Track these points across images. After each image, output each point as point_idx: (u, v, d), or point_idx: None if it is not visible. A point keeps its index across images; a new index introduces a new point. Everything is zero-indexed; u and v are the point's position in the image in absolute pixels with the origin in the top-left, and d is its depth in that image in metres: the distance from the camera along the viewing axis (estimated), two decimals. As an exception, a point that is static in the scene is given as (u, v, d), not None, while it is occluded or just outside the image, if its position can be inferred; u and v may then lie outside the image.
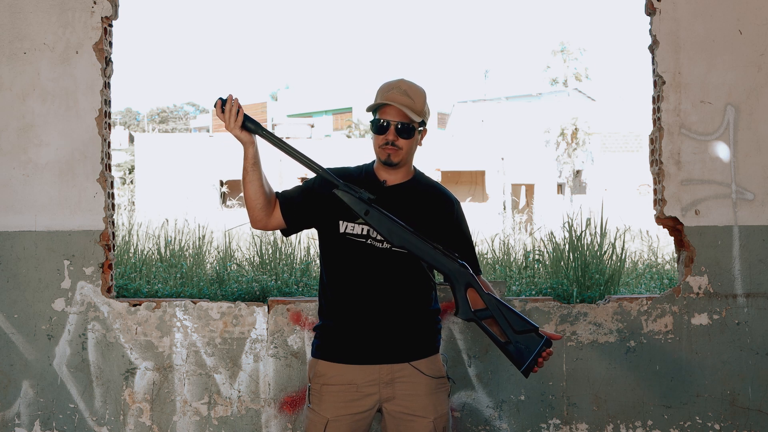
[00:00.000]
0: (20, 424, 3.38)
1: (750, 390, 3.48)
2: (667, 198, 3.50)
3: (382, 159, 2.36)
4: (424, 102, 2.37)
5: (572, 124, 26.37)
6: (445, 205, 2.45)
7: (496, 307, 2.25)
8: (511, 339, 2.24)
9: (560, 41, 31.97)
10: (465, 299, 2.26)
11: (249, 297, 3.84)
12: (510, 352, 2.25)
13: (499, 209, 16.52)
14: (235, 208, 15.94)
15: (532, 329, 2.24)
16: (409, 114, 2.31)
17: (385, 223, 2.26)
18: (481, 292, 2.26)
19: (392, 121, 2.32)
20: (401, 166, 2.39)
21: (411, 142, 2.36)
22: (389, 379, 2.35)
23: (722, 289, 3.48)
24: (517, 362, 2.25)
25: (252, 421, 3.41)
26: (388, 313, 2.35)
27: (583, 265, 4.09)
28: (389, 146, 2.33)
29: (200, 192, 20.92)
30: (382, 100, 2.34)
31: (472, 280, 2.26)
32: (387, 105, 2.34)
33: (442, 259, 2.25)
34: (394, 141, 2.33)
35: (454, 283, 2.26)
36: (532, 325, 2.24)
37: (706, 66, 3.49)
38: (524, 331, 2.23)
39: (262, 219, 2.40)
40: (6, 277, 3.38)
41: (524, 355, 2.23)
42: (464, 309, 2.26)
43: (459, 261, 2.26)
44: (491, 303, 2.25)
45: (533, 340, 2.23)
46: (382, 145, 2.34)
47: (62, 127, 3.38)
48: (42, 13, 3.38)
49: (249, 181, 2.35)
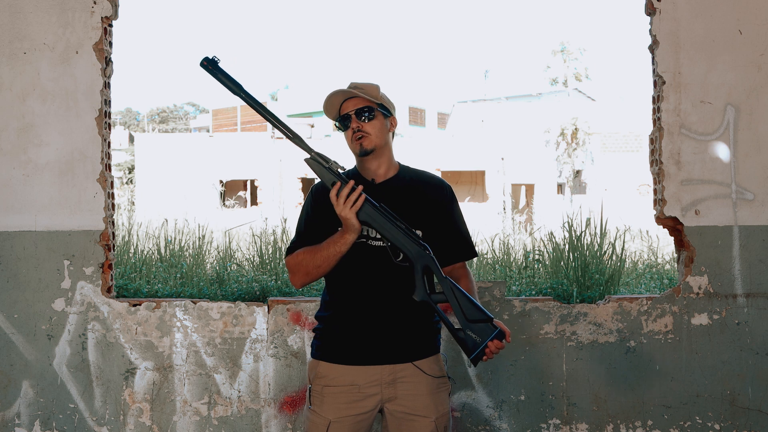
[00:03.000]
0: (20, 424, 3.38)
1: (750, 390, 3.48)
2: (667, 198, 3.49)
3: (357, 151, 2.41)
4: (377, 90, 2.43)
5: (572, 124, 26.37)
6: (435, 191, 2.47)
7: (451, 292, 2.27)
8: (463, 327, 2.25)
9: (560, 41, 32.03)
10: (422, 281, 2.27)
11: (249, 297, 3.84)
12: (461, 339, 2.26)
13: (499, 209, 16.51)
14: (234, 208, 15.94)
15: (487, 319, 2.24)
16: (364, 97, 2.39)
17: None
18: (439, 276, 2.28)
19: (350, 111, 2.40)
20: (379, 155, 2.42)
21: (377, 125, 2.40)
22: (391, 379, 2.35)
23: (722, 289, 3.48)
24: (466, 350, 2.26)
25: (252, 421, 3.41)
26: (389, 313, 2.35)
27: (583, 265, 4.09)
28: (357, 133, 2.39)
29: (200, 192, 20.91)
30: (329, 99, 2.42)
31: (431, 263, 2.27)
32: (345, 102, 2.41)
33: (402, 239, 2.26)
34: (359, 127, 2.38)
35: (414, 263, 2.27)
36: (486, 315, 2.25)
37: (706, 66, 3.49)
38: (477, 320, 2.24)
39: (312, 282, 2.46)
40: (6, 277, 3.38)
41: (475, 343, 2.24)
42: (420, 291, 2.27)
43: (421, 242, 2.27)
44: (447, 288, 2.27)
45: (486, 330, 2.24)
46: (352, 137, 2.41)
47: (62, 127, 3.38)
48: (42, 13, 3.38)
49: (336, 263, 2.33)
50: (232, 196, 19.17)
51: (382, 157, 2.43)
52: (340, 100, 2.42)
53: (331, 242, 2.29)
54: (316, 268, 2.32)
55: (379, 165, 2.43)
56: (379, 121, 2.40)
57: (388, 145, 2.44)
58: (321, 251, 2.30)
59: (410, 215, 2.36)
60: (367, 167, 2.43)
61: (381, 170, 2.43)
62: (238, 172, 23.24)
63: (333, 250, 2.28)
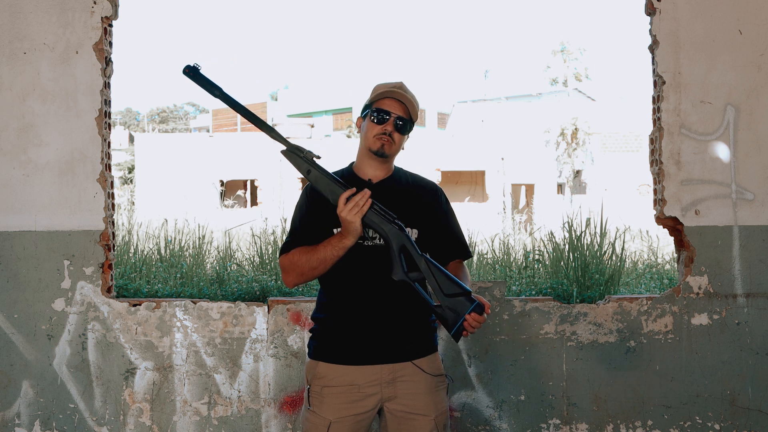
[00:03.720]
0: (20, 424, 3.38)
1: (750, 390, 3.48)
2: (667, 198, 3.49)
3: (374, 149, 2.40)
4: (418, 107, 2.46)
5: (572, 124, 26.36)
6: (429, 195, 2.50)
7: (428, 269, 2.26)
8: (442, 302, 2.25)
9: (560, 41, 32.02)
10: (399, 260, 2.27)
11: (249, 297, 3.84)
12: (440, 314, 2.25)
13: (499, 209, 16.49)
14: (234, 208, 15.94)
15: (464, 293, 2.24)
16: (410, 110, 2.40)
17: (323, 182, 2.28)
18: (415, 253, 2.28)
19: (393, 113, 2.39)
20: (388, 161, 2.45)
21: (403, 139, 2.44)
22: (390, 378, 2.35)
23: (722, 289, 3.48)
24: (447, 325, 2.25)
25: (252, 421, 3.41)
26: (387, 313, 2.36)
27: (583, 265, 4.09)
28: (385, 136, 2.37)
29: (200, 192, 20.92)
30: (388, 91, 2.39)
31: (407, 241, 2.27)
32: (388, 98, 2.39)
33: (378, 219, 2.27)
34: (391, 132, 2.38)
35: (390, 243, 2.27)
36: (463, 289, 2.24)
37: (706, 66, 3.49)
38: (455, 294, 2.23)
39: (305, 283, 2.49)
40: (6, 277, 3.38)
41: (454, 318, 2.23)
42: (397, 270, 2.26)
43: (396, 222, 2.28)
44: (424, 265, 2.26)
45: (463, 304, 2.23)
46: (378, 134, 2.38)
47: (62, 127, 3.38)
48: (42, 13, 3.38)
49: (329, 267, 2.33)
50: (232, 196, 19.15)
51: (388, 162, 2.46)
52: (390, 93, 2.38)
53: (328, 245, 2.28)
54: (311, 270, 2.32)
55: (380, 167, 2.45)
56: (406, 137, 2.45)
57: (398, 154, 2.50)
58: (317, 253, 2.29)
59: (406, 215, 2.37)
60: (369, 167, 2.44)
61: (380, 172, 2.45)
62: (238, 172, 23.24)
63: (330, 254, 2.28)
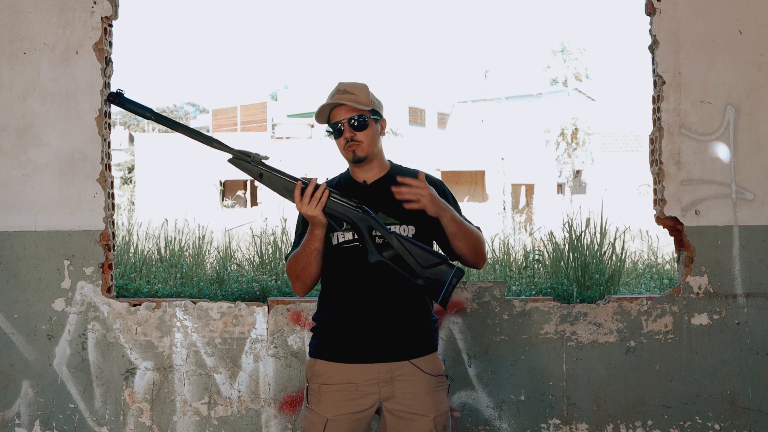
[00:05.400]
0: (20, 424, 3.38)
1: (750, 390, 3.48)
2: (667, 198, 3.50)
3: (350, 159, 2.42)
4: (368, 93, 2.44)
5: (572, 124, 26.36)
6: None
7: (400, 245, 2.26)
8: (421, 274, 2.25)
9: (560, 41, 32.03)
10: (371, 243, 2.27)
11: (249, 297, 3.85)
12: (422, 287, 2.25)
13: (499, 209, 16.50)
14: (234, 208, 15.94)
15: (442, 261, 2.24)
16: (356, 107, 2.38)
17: (278, 182, 2.31)
18: (384, 232, 2.28)
19: (342, 120, 2.39)
20: (371, 160, 2.44)
21: (369, 133, 2.41)
22: (389, 377, 2.35)
23: (722, 289, 3.48)
24: (432, 295, 2.26)
25: (252, 421, 3.41)
26: (386, 312, 2.36)
27: (583, 265, 4.09)
28: (350, 143, 2.39)
29: (200, 192, 20.91)
30: (326, 105, 2.42)
31: (374, 222, 2.27)
32: (335, 108, 2.41)
33: (341, 209, 2.27)
34: (352, 137, 2.39)
35: (359, 228, 2.27)
36: (441, 257, 2.25)
37: (706, 66, 3.49)
38: (433, 264, 2.24)
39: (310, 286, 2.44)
40: (6, 277, 3.38)
41: (437, 286, 2.23)
42: (371, 252, 2.26)
43: (360, 207, 2.28)
44: (395, 242, 2.26)
45: (443, 271, 2.23)
46: (344, 146, 2.41)
47: (62, 127, 3.38)
48: (42, 13, 3.38)
49: (316, 260, 2.35)
50: (231, 196, 19.15)
51: (374, 161, 2.45)
52: (330, 106, 2.42)
53: (305, 242, 2.33)
54: (303, 269, 2.36)
55: (370, 168, 2.45)
56: (371, 129, 2.41)
57: (380, 148, 2.47)
58: (301, 253, 2.34)
59: (402, 212, 2.36)
60: (359, 172, 2.45)
61: (372, 172, 2.45)
62: (238, 172, 23.06)
63: (309, 248, 2.33)
